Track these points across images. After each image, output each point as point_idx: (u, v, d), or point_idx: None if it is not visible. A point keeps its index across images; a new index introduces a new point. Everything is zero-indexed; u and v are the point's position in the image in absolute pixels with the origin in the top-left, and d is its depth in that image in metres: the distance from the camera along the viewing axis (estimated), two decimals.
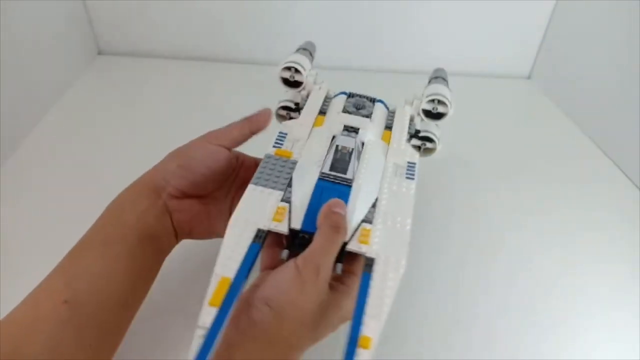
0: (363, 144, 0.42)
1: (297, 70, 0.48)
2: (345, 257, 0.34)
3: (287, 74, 0.49)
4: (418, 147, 0.49)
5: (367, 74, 0.89)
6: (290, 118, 0.50)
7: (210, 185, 0.40)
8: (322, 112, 0.47)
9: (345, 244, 0.33)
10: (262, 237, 0.33)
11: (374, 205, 0.37)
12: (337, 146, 0.40)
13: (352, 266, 0.34)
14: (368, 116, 0.45)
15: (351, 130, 0.43)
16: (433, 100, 0.46)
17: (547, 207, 0.60)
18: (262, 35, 0.88)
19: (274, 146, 0.42)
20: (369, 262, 0.32)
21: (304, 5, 0.84)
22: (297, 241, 0.35)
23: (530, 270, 0.51)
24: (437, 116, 0.46)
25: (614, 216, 0.60)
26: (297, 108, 0.50)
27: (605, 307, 0.48)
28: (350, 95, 0.49)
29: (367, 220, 0.35)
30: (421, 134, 0.48)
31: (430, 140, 0.48)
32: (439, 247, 0.53)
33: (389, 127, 0.46)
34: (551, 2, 0.84)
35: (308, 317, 0.30)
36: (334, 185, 0.37)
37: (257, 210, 0.35)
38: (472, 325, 0.45)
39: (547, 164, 0.68)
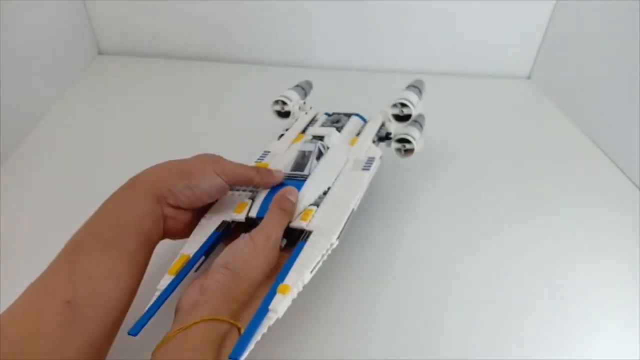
0: (328, 147, 0.49)
1: (284, 103, 0.57)
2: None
3: (277, 107, 0.58)
4: (399, 150, 0.55)
5: (367, 74, 0.89)
6: None
7: (204, 206, 0.43)
8: (305, 132, 0.55)
9: (288, 222, 0.40)
10: (224, 227, 0.41)
11: (325, 193, 0.44)
12: (300, 152, 0.48)
13: None
14: (340, 127, 0.53)
15: (317, 138, 0.51)
16: (396, 105, 0.53)
17: (547, 206, 0.60)
18: (262, 36, 0.88)
19: (256, 160, 0.50)
20: (307, 235, 0.39)
21: (304, 5, 0.84)
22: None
23: (529, 269, 0.51)
24: (405, 118, 0.54)
25: (613, 216, 0.60)
26: None
27: (605, 306, 0.48)
28: (330, 115, 0.58)
29: (315, 204, 0.42)
30: (398, 137, 0.54)
31: (407, 141, 0.54)
32: (438, 246, 0.53)
33: (359, 134, 0.54)
34: (551, 2, 0.84)
35: (259, 276, 0.36)
36: (292, 181, 0.45)
37: (225, 207, 0.43)
38: (468, 323, 0.45)
39: (547, 164, 0.68)
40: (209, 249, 0.40)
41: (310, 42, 0.89)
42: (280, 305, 0.33)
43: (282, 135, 0.58)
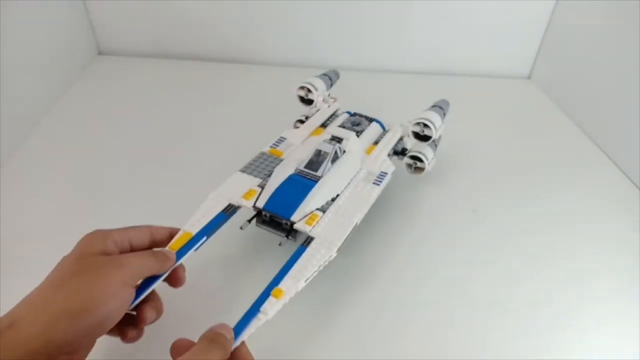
0: (345, 152, 0.48)
1: (309, 90, 0.57)
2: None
3: (302, 92, 0.58)
4: (410, 165, 0.56)
5: (368, 74, 0.89)
6: None
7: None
8: (324, 126, 0.55)
9: (293, 223, 0.41)
10: (230, 210, 0.42)
11: (333, 200, 0.44)
12: (317, 150, 0.47)
13: None
14: (360, 132, 0.53)
15: (335, 139, 0.50)
16: (419, 124, 0.52)
17: (546, 206, 0.60)
18: (262, 36, 0.88)
19: (270, 146, 0.50)
20: (309, 240, 0.39)
21: (304, 6, 0.84)
22: (259, 219, 0.43)
23: (528, 269, 0.51)
24: (424, 138, 0.54)
25: (613, 216, 0.60)
26: None
27: (604, 305, 0.48)
28: (352, 115, 0.57)
29: (322, 209, 0.42)
30: (411, 153, 0.54)
31: (419, 160, 0.55)
32: (436, 245, 0.53)
33: (377, 143, 0.53)
34: (551, 2, 0.84)
35: None
36: (303, 179, 0.44)
37: (234, 190, 0.43)
38: (469, 320, 0.45)
39: (547, 164, 0.68)
40: (211, 230, 0.40)
41: (311, 43, 0.89)
42: (271, 308, 0.34)
43: (299, 120, 0.59)
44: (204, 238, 0.39)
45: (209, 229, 0.39)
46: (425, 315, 0.46)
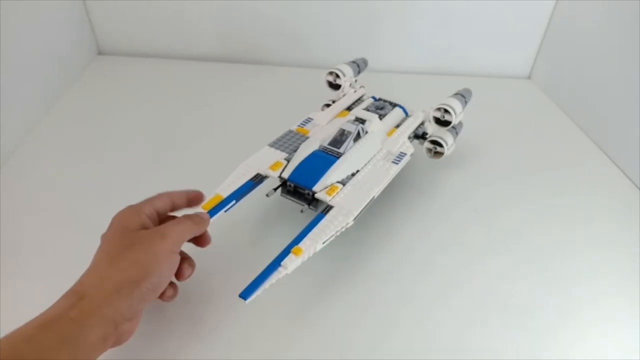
0: (367, 132, 0.51)
1: (337, 76, 0.60)
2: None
3: (330, 78, 0.62)
4: (430, 150, 0.58)
5: (368, 74, 0.88)
6: None
7: None
8: (350, 109, 0.59)
9: (314, 193, 0.44)
10: (258, 179, 0.46)
11: (353, 174, 0.47)
12: (340, 129, 0.50)
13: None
14: (383, 115, 0.56)
15: (359, 120, 0.54)
16: (440, 109, 0.55)
17: (546, 205, 0.60)
18: (262, 36, 0.88)
19: (297, 125, 0.54)
20: (328, 209, 0.43)
21: (305, 6, 0.84)
22: (284, 190, 0.46)
23: (527, 267, 0.51)
24: (445, 123, 0.56)
25: (613, 215, 0.60)
26: None
27: (604, 305, 0.48)
28: (377, 100, 0.61)
29: (342, 182, 0.46)
30: (431, 138, 0.57)
31: (439, 144, 0.57)
32: (435, 244, 0.53)
33: (398, 126, 0.56)
34: (551, 2, 0.84)
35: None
36: (326, 155, 0.48)
37: (263, 161, 0.47)
38: (469, 320, 0.45)
39: (547, 164, 0.68)
40: (240, 195, 0.44)
41: (312, 43, 0.89)
42: (291, 263, 0.37)
43: (326, 104, 0.62)
44: (233, 202, 0.43)
45: (238, 194, 0.44)
46: (424, 313, 0.46)
